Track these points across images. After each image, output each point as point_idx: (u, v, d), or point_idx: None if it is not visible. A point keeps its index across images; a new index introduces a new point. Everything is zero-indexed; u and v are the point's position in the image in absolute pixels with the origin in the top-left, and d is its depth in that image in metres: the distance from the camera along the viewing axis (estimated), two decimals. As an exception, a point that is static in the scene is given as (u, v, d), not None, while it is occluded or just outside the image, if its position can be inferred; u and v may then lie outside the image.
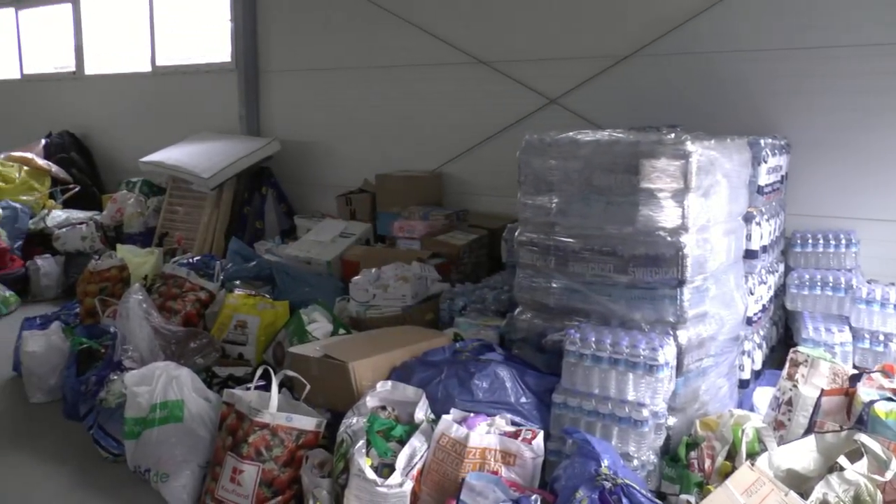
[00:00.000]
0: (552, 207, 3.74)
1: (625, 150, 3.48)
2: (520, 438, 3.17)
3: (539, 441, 3.17)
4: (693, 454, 3.23)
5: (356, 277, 5.17)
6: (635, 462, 3.20)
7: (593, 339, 3.29)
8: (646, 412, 3.17)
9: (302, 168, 8.08)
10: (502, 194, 6.43)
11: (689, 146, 3.36)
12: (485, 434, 3.16)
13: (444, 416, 3.29)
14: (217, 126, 8.52)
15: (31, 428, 4.55)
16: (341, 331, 4.61)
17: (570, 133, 3.80)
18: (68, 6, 10.47)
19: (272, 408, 3.42)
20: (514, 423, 3.34)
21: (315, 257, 6.32)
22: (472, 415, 3.33)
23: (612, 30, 5.94)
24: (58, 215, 8.46)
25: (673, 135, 3.55)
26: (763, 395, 3.85)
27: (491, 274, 5.71)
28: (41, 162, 9.45)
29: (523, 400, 3.45)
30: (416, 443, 3.19)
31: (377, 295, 4.98)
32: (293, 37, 7.98)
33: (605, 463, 2.81)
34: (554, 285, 3.76)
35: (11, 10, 11.33)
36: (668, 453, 3.37)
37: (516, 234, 4.00)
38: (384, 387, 3.51)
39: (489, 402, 3.42)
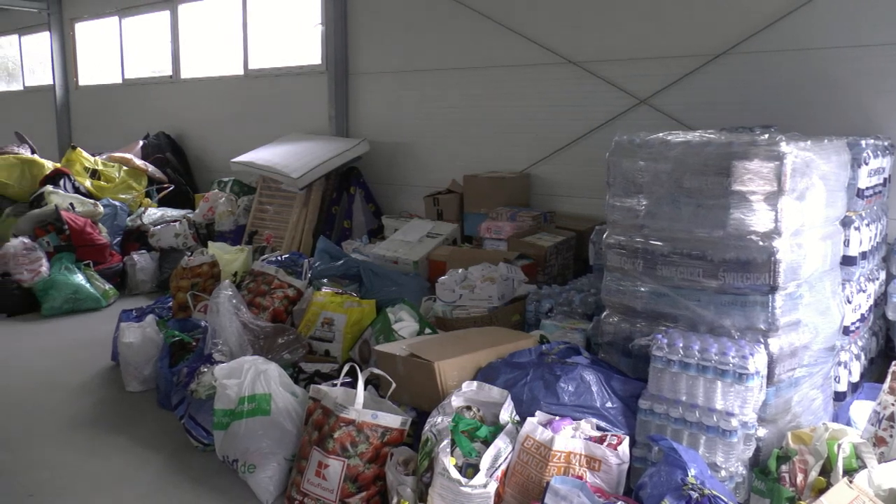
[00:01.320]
0: (641, 210, 3.69)
1: (716, 151, 3.41)
2: (605, 444, 3.14)
3: (625, 447, 3.14)
4: (784, 468, 3.13)
5: (443, 277, 5.20)
6: (723, 473, 3.13)
7: (681, 344, 3.23)
8: (735, 422, 3.10)
9: (390, 168, 8.17)
10: (590, 196, 6.39)
11: (784, 147, 3.27)
12: (570, 438, 3.15)
13: (530, 419, 3.29)
14: (307, 127, 8.70)
15: (128, 415, 4.75)
16: (427, 330, 4.65)
17: (661, 134, 3.74)
18: (167, 13, 10.87)
19: (358, 405, 3.47)
20: (599, 428, 3.32)
21: (402, 257, 6.38)
22: (557, 418, 3.32)
23: (704, 28, 5.81)
24: (153, 213, 8.81)
25: (767, 135, 3.45)
26: (861, 409, 3.68)
27: (578, 276, 5.68)
28: (139, 162, 9.86)
29: (609, 405, 3.42)
30: (501, 444, 3.20)
31: (463, 295, 5.00)
32: (382, 39, 8.08)
33: (692, 472, 2.77)
34: (641, 289, 3.71)
35: (116, 18, 11.83)
36: (758, 465, 3.28)
37: (604, 236, 3.96)
38: (469, 387, 3.53)
39: (574, 405, 3.40)
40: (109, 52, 12.13)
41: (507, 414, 3.36)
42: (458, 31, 7.36)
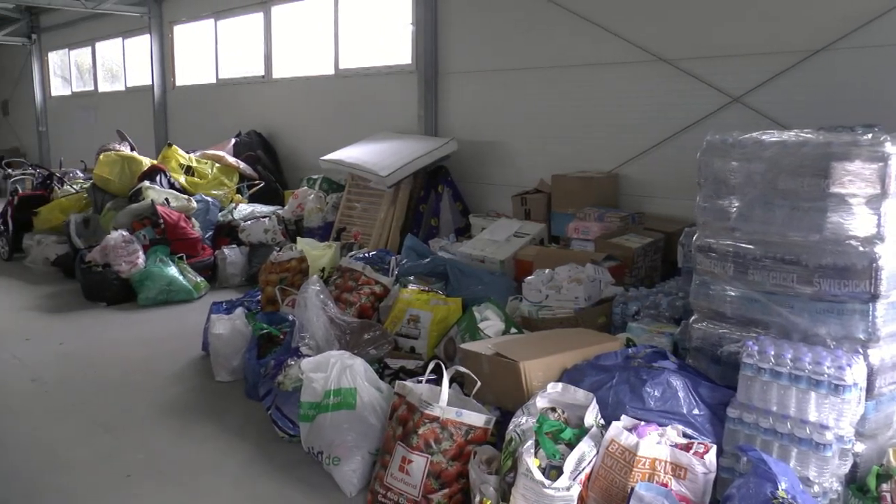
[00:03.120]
0: (732, 212, 3.61)
1: (814, 151, 3.30)
2: (691, 451, 3.08)
3: (711, 456, 3.07)
4: (885, 486, 3.00)
5: (529, 277, 5.19)
6: (816, 488, 3.01)
7: (772, 352, 3.13)
8: (829, 435, 2.98)
9: (478, 167, 8.19)
10: (680, 197, 6.26)
11: (889, 147, 3.15)
12: (655, 444, 3.10)
13: (615, 423, 3.25)
14: (396, 126, 8.79)
15: (217, 404, 4.91)
16: (513, 330, 4.64)
17: (754, 133, 3.65)
18: (260, 15, 11.14)
19: (443, 402, 3.49)
20: (685, 435, 3.25)
21: (489, 256, 6.39)
22: (642, 423, 3.27)
23: (801, 22, 5.63)
24: (244, 209, 9.08)
25: (870, 135, 3.31)
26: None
27: (665, 279, 5.58)
28: (231, 159, 10.16)
29: (696, 412, 3.35)
30: (585, 447, 3.17)
31: (550, 296, 4.97)
32: (472, 39, 8.11)
33: (782, 486, 2.68)
34: (731, 293, 3.63)
35: (212, 20, 12.20)
36: (855, 482, 3.16)
37: (693, 238, 3.88)
38: (555, 388, 3.50)
39: (660, 411, 3.35)
40: (204, 54, 12.53)
41: (591, 417, 3.33)
42: (547, 29, 7.32)
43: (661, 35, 6.46)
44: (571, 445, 3.20)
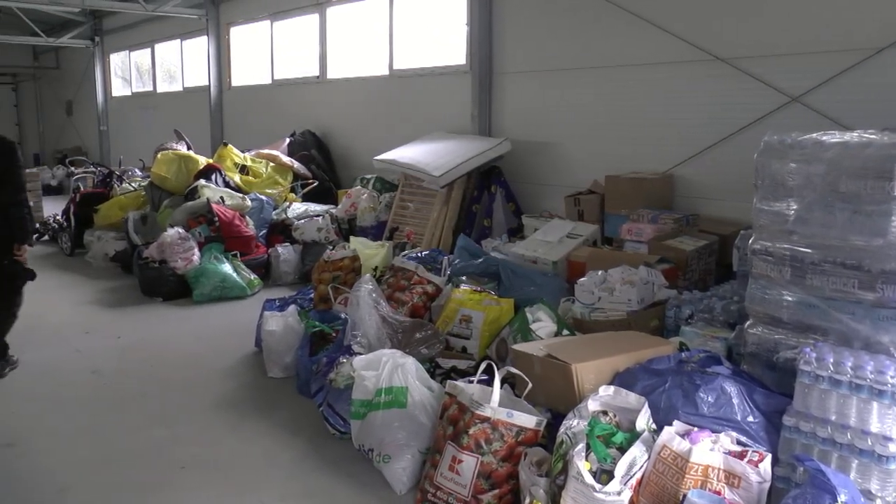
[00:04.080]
0: (790, 214, 3.55)
1: (878, 153, 3.23)
2: (745, 460, 3.02)
3: (766, 465, 3.01)
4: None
5: (582, 279, 5.15)
6: (878, 502, 2.92)
7: (831, 360, 3.06)
8: (893, 447, 2.89)
9: (531, 168, 8.16)
10: (735, 199, 6.15)
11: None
12: (708, 451, 3.05)
13: (667, 428, 3.21)
14: (449, 126, 8.81)
15: (270, 400, 4.98)
16: (565, 331, 4.62)
17: (814, 134, 3.58)
18: (315, 16, 11.26)
19: (494, 402, 3.49)
20: (739, 443, 3.19)
21: (541, 257, 6.36)
22: (695, 429, 3.23)
23: (865, 19, 5.48)
24: (297, 208, 9.20)
25: (938, 137, 3.23)
26: None
27: (720, 282, 5.49)
28: (285, 159, 10.29)
29: (750, 419, 3.29)
30: (637, 452, 3.14)
31: (602, 298, 4.93)
32: (526, 39, 8.08)
33: (842, 498, 2.60)
34: (789, 298, 3.56)
35: (268, 21, 12.36)
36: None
37: (750, 241, 3.82)
38: (606, 391, 3.48)
39: (714, 417, 3.30)
40: (260, 55, 12.70)
41: (643, 421, 3.29)
42: (601, 29, 7.26)
43: (718, 34, 6.36)
44: (623, 450, 3.17)
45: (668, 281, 5.24)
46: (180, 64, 15.64)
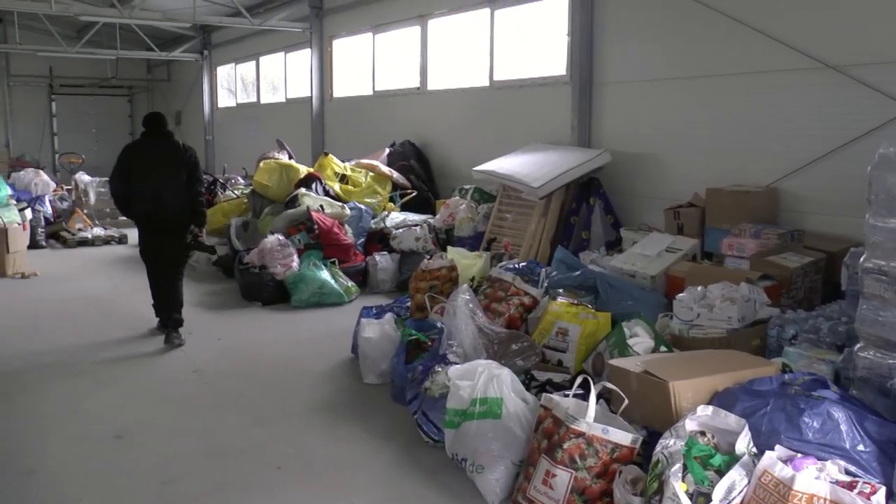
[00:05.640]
0: (907, 232, 3.39)
1: None
2: (855, 491, 2.88)
3: (880, 497, 2.88)
4: None
5: (681, 294, 5.06)
6: None
7: (951, 387, 2.91)
8: None
9: (630, 180, 8.04)
10: (845, 214, 5.90)
11: None
12: (814, 479, 2.92)
13: (769, 452, 3.11)
14: (548, 137, 8.76)
15: (364, 405, 5.07)
16: (662, 348, 4.54)
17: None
18: (417, 28, 11.39)
19: (589, 417, 3.46)
20: (847, 473, 3.06)
21: (640, 270, 6.26)
22: (799, 455, 3.11)
23: None
24: (395, 217, 9.32)
25: None
26: None
27: (827, 302, 5.28)
28: (384, 169, 10.44)
29: (860, 448, 3.15)
30: (736, 475, 3.05)
31: (701, 314, 4.83)
32: (627, 48, 7.99)
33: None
34: (904, 321, 3.40)
35: (370, 34, 12.59)
36: None
37: (861, 259, 3.68)
38: (705, 411, 3.39)
39: (819, 443, 3.17)
40: (361, 66, 12.93)
41: (743, 444, 3.20)
42: (704, 37, 7.11)
43: (828, 41, 6.11)
44: (721, 472, 3.10)
45: (771, 299, 5.08)
46: (283, 76, 16.09)
